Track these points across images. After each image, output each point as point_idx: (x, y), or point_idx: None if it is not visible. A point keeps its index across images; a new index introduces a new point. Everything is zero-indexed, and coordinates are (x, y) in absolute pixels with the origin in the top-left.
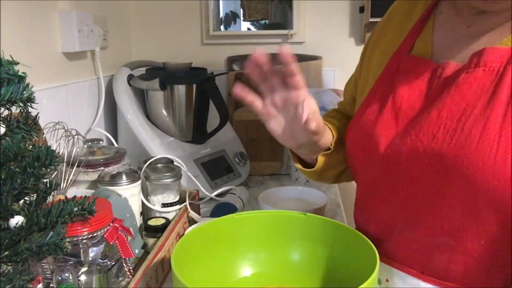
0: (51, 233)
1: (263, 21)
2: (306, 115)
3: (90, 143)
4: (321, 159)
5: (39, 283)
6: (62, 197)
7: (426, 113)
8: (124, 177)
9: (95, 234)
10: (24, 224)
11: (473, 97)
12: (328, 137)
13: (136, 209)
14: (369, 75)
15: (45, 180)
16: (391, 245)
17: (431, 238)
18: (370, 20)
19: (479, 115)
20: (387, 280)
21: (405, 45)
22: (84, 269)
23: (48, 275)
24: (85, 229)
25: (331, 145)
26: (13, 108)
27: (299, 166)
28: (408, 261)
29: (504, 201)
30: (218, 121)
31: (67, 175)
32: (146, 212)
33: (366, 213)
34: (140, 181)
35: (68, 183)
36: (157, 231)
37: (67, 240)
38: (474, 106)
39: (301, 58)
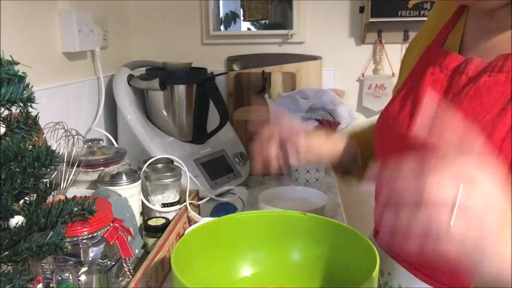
0: (51, 233)
1: (263, 21)
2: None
3: (90, 143)
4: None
5: (39, 283)
6: (62, 197)
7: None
8: (124, 177)
9: (95, 234)
10: (24, 224)
11: (490, 103)
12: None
13: (136, 209)
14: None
15: (45, 180)
16: None
17: None
18: (370, 20)
19: (489, 122)
20: (389, 274)
21: (438, 39)
22: (84, 269)
23: (48, 275)
24: (85, 229)
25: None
26: (13, 108)
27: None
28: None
29: None
30: (218, 121)
31: (67, 175)
32: (146, 212)
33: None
34: (140, 181)
35: (68, 183)
36: (157, 231)
37: (67, 240)
38: (488, 112)
39: (301, 58)
